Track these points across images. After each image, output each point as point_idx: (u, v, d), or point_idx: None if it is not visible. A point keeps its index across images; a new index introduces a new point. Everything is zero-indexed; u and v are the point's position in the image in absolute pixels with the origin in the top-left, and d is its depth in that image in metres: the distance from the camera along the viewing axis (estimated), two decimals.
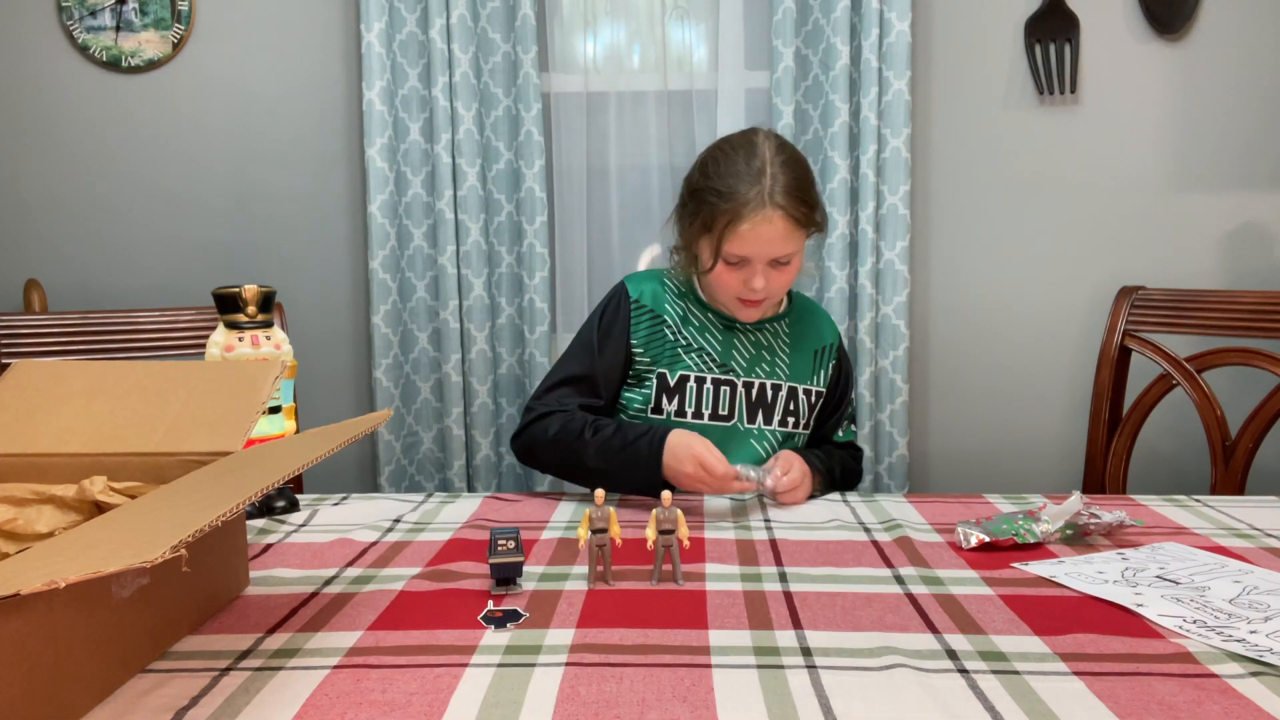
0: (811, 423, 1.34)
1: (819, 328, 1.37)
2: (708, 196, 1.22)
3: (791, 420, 1.31)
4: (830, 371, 1.35)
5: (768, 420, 1.29)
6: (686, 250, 1.30)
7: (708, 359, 1.29)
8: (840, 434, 1.37)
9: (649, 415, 1.28)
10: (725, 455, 1.13)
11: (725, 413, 1.28)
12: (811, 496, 1.19)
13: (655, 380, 1.28)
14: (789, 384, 1.31)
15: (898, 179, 1.87)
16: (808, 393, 1.32)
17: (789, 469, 1.13)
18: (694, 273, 1.30)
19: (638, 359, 1.29)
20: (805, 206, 1.21)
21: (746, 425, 1.28)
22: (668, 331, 1.29)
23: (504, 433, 2.00)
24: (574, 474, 1.24)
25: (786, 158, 1.23)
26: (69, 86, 2.00)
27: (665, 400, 1.27)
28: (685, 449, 1.12)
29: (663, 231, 1.33)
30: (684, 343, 1.29)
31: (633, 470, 1.16)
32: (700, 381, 1.28)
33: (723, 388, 1.28)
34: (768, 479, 1.10)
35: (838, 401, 1.37)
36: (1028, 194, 1.98)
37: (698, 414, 1.27)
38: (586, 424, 1.21)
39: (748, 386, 1.29)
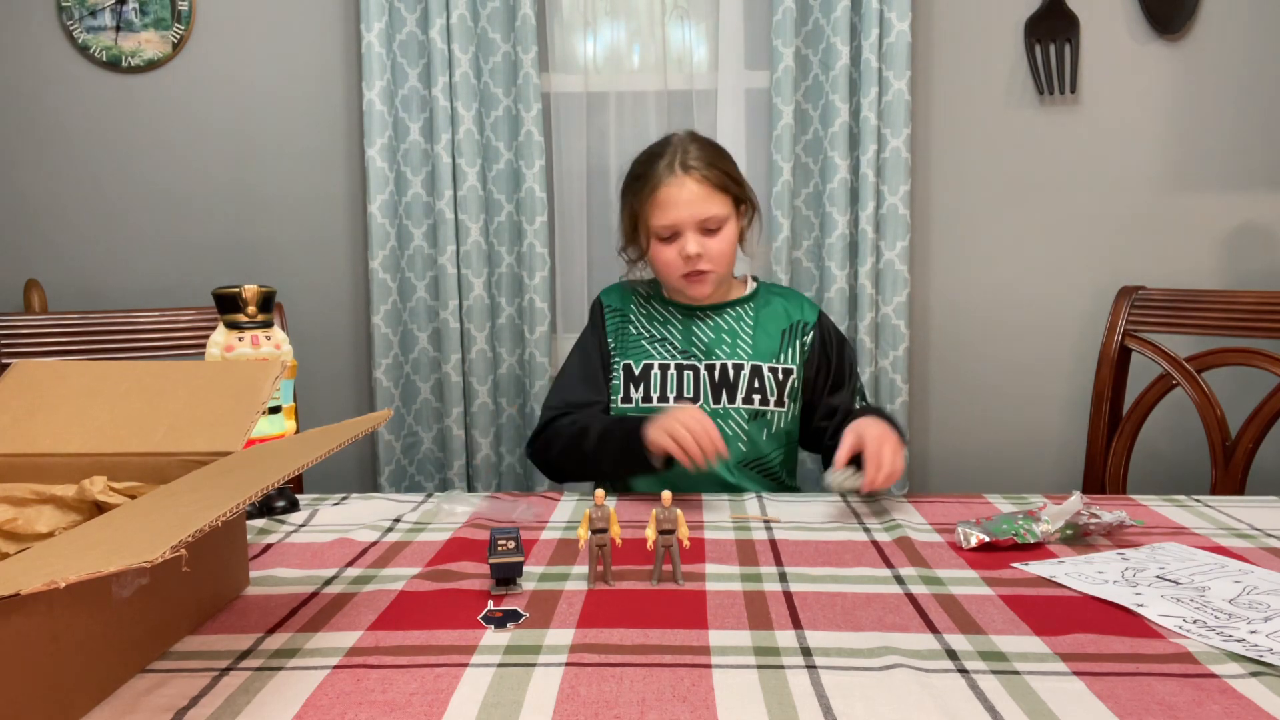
0: (785, 400, 1.35)
1: (787, 309, 1.40)
2: (631, 185, 1.35)
3: (758, 398, 1.33)
4: (805, 348, 1.37)
5: (732, 399, 1.32)
6: (629, 247, 1.40)
7: (670, 347, 1.36)
8: (860, 405, 1.38)
9: (619, 405, 1.35)
10: None
11: (690, 395, 1.33)
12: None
13: (622, 371, 1.35)
14: (751, 363, 1.34)
15: (898, 179, 1.87)
16: (773, 370, 1.34)
17: (868, 449, 1.09)
18: (641, 268, 1.42)
19: (612, 353, 1.38)
20: (717, 171, 1.31)
21: (712, 406, 1.32)
22: (631, 327, 1.38)
23: (504, 433, 2.00)
24: (578, 461, 1.27)
25: (697, 139, 1.35)
26: (69, 86, 2.00)
27: (632, 389, 1.34)
28: (674, 410, 1.15)
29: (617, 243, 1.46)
30: (647, 334, 1.37)
31: (625, 440, 1.18)
32: (664, 368, 1.34)
33: (685, 372, 1.34)
34: (851, 479, 1.08)
35: (837, 375, 1.37)
36: (1028, 194, 1.98)
37: (663, 398, 1.33)
38: (594, 416, 1.29)
39: (709, 369, 1.34)
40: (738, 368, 1.33)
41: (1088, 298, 1.97)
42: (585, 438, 1.25)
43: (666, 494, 0.85)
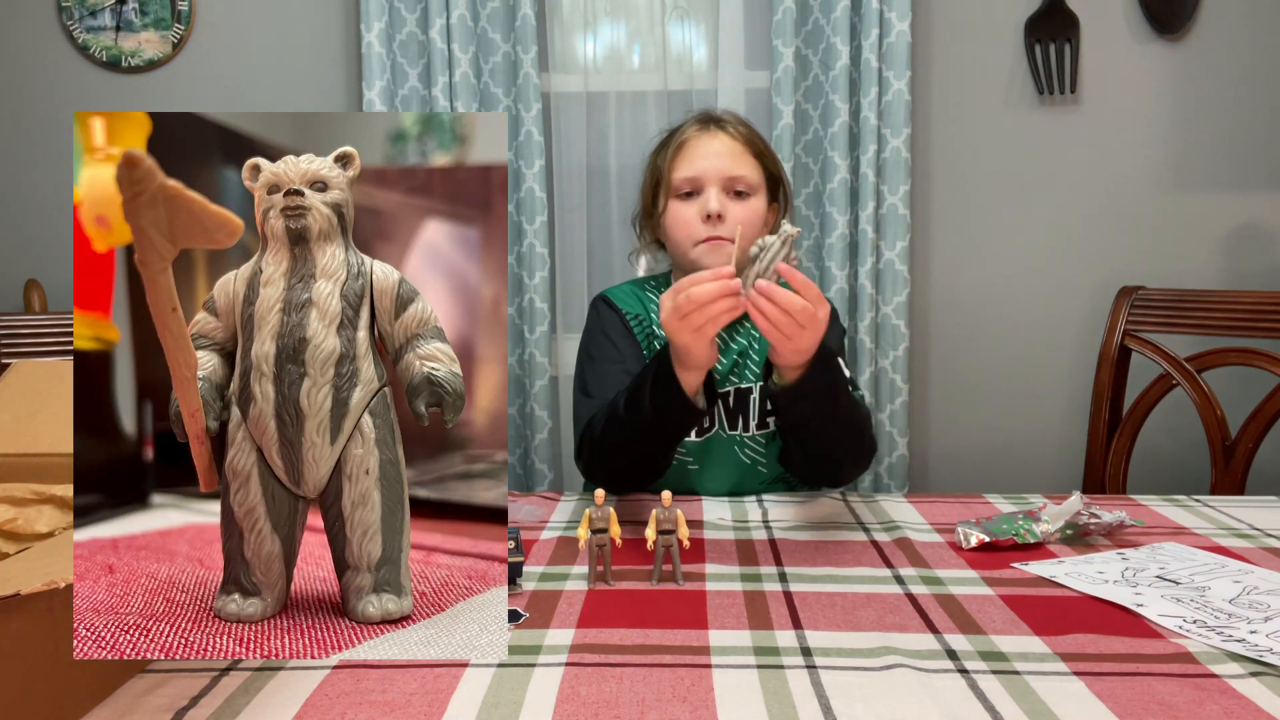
0: None
1: None
2: (660, 146, 1.27)
3: (772, 421, 1.24)
4: None
5: (746, 427, 1.24)
6: (645, 217, 1.30)
7: None
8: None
9: None
10: (710, 464, 1.13)
11: (707, 424, 1.23)
12: (812, 389, 1.02)
13: None
14: (760, 384, 1.24)
15: (898, 179, 1.87)
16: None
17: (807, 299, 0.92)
18: (649, 258, 1.34)
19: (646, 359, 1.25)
20: (753, 134, 1.24)
21: (729, 432, 1.24)
22: (656, 342, 1.27)
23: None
24: (627, 443, 1.10)
25: (735, 112, 1.29)
26: (69, 86, 2.00)
27: None
28: (665, 323, 0.96)
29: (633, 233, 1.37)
30: None
31: (654, 382, 1.02)
32: None
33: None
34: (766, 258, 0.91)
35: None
36: (1027, 194, 1.98)
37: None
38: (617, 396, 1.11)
39: (723, 396, 1.24)
40: (749, 392, 1.24)
41: (1088, 298, 1.97)
42: (615, 415, 1.08)
43: (666, 494, 0.85)
